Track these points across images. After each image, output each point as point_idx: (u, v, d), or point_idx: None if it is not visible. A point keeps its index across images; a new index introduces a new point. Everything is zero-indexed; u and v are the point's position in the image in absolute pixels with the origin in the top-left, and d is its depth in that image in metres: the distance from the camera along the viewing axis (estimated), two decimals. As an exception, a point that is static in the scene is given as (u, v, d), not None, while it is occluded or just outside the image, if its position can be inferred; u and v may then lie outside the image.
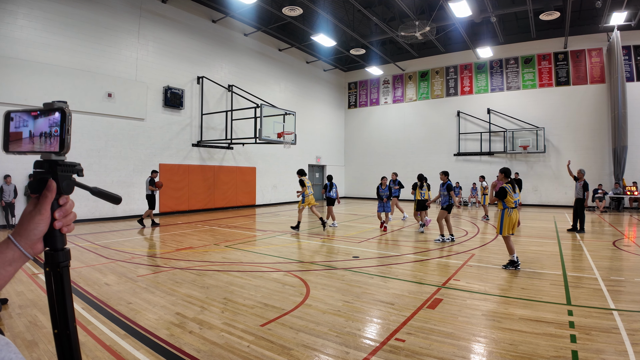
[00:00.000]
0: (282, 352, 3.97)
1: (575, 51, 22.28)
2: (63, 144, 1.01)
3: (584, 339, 4.22)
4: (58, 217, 1.03)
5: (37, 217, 1.00)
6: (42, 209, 1.00)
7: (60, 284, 1.08)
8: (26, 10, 13.22)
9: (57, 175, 1.03)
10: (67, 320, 1.08)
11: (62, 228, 1.05)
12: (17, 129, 1.03)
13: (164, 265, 7.87)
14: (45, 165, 1.03)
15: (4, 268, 0.94)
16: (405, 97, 28.78)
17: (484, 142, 25.04)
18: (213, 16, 20.15)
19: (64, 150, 1.01)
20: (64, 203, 1.05)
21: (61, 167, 1.03)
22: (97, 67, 15.15)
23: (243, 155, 22.04)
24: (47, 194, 1.01)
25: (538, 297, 5.79)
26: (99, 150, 15.12)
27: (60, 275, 1.07)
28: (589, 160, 21.56)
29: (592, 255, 8.94)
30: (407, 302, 5.55)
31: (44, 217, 1.00)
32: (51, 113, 1.01)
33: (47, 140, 1.01)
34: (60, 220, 1.04)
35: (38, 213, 1.00)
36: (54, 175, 1.02)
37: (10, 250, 0.96)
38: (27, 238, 0.99)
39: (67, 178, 1.05)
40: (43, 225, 1.00)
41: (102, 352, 3.94)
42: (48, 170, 1.02)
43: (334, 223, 14.12)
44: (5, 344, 0.88)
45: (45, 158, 1.03)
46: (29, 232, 0.99)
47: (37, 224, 1.00)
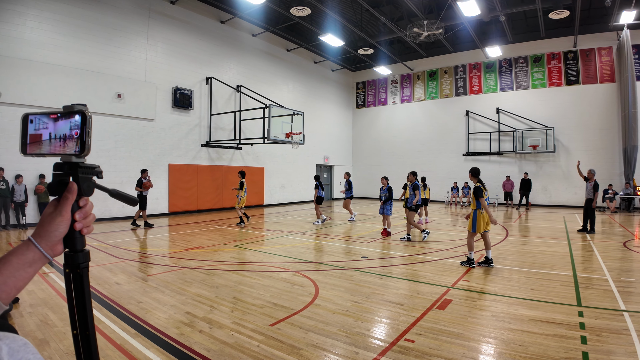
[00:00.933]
0: (291, 351, 3.98)
1: (584, 50, 22.09)
2: (84, 146, 1.02)
3: (594, 341, 4.19)
4: (78, 219, 1.04)
5: (57, 218, 1.00)
6: (62, 210, 1.01)
7: (80, 285, 1.08)
8: (36, 12, 13.35)
9: (78, 177, 1.04)
10: (87, 321, 1.09)
11: (82, 229, 1.06)
12: (36, 131, 1.04)
13: (173, 265, 7.92)
14: (65, 167, 1.04)
15: (24, 269, 0.95)
16: (413, 97, 28.69)
17: (493, 142, 24.90)
18: (221, 17, 20.22)
19: (85, 152, 1.03)
20: (84, 205, 1.06)
21: (82, 169, 1.04)
22: (107, 68, 15.28)
23: (251, 155, 22.11)
24: (68, 196, 1.02)
25: (548, 298, 5.76)
26: (108, 150, 15.24)
27: (80, 276, 1.08)
28: (599, 160, 21.36)
29: (603, 256, 8.87)
30: (416, 303, 5.54)
31: (64, 218, 1.01)
32: (71, 115, 1.02)
33: (68, 142, 1.02)
34: (80, 221, 1.05)
35: (59, 214, 1.01)
36: (75, 177, 1.03)
37: (31, 251, 0.97)
38: (47, 239, 0.99)
39: (87, 180, 1.06)
40: (63, 227, 1.01)
41: (112, 351, 3.97)
42: (69, 172, 1.03)
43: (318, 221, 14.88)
44: (24, 344, 0.89)
45: (65, 160, 1.04)
46: (50, 234, 0.99)
47: (58, 226, 1.00)
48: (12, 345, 0.86)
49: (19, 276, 0.94)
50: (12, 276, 0.94)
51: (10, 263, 0.94)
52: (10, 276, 0.93)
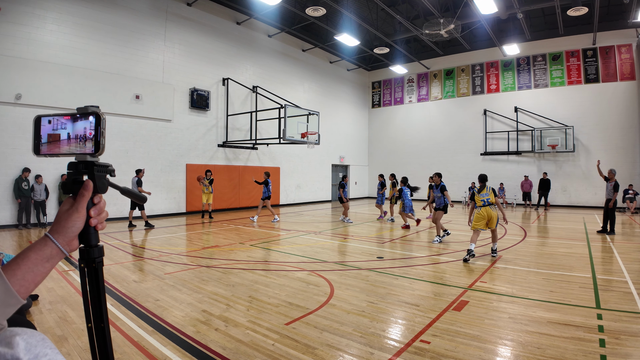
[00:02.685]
0: (306, 351, 4.00)
1: (604, 47, 21.67)
2: (98, 145, 1.08)
3: (613, 344, 4.12)
4: (93, 215, 1.08)
5: (74, 215, 1.05)
6: (79, 207, 1.05)
7: (95, 279, 1.13)
8: (55, 15, 13.61)
9: (93, 175, 1.08)
10: (102, 314, 1.13)
11: (97, 225, 1.10)
12: (55, 131, 1.09)
13: (190, 263, 8.01)
14: (80, 166, 1.08)
15: (42, 265, 0.99)
16: (430, 96, 28.49)
17: (512, 141, 24.59)
18: (237, 18, 20.36)
19: (100, 152, 1.08)
20: (98, 202, 1.11)
21: (97, 167, 1.09)
22: (125, 70, 15.51)
23: (267, 155, 22.22)
24: (84, 193, 1.06)
25: (567, 300, 5.67)
26: (127, 150, 15.46)
27: (95, 270, 1.12)
28: (619, 160, 20.92)
29: (623, 258, 8.70)
30: (432, 304, 5.51)
31: (80, 215, 1.05)
32: (86, 117, 1.08)
33: (83, 142, 1.07)
34: (95, 217, 1.09)
35: (75, 211, 1.05)
36: (90, 175, 1.08)
37: (48, 247, 1.01)
38: (64, 235, 1.03)
39: (102, 178, 1.11)
40: (80, 223, 1.05)
41: (130, 348, 4.04)
42: (84, 171, 1.08)
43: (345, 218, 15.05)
44: (42, 339, 0.92)
45: (80, 159, 1.09)
46: (67, 230, 1.04)
47: (75, 222, 1.04)
48: (30, 340, 0.89)
49: (37, 271, 0.98)
50: (31, 271, 0.97)
51: (29, 258, 0.98)
52: (28, 271, 0.97)
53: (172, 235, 11.95)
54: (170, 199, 17.16)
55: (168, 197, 17.05)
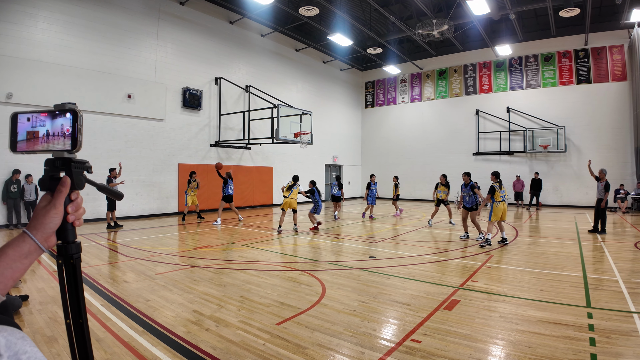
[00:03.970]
0: (297, 350, 3.99)
1: (596, 48, 21.83)
2: (75, 142, 1.07)
3: (603, 342, 4.15)
4: (71, 211, 1.08)
5: (52, 211, 1.04)
6: (56, 203, 1.05)
7: (73, 275, 1.13)
8: (47, 14, 13.50)
9: (71, 171, 1.08)
10: (80, 310, 1.13)
11: (74, 222, 1.10)
12: (34, 128, 1.08)
13: (182, 264, 7.97)
14: (58, 163, 1.08)
15: (20, 261, 0.99)
16: (423, 96, 28.57)
17: (504, 141, 24.72)
18: (230, 17, 20.30)
19: (77, 148, 1.07)
20: (76, 198, 1.11)
21: (75, 164, 1.09)
22: (117, 69, 15.41)
23: (260, 155, 22.17)
24: (61, 189, 1.06)
25: (557, 299, 5.70)
26: (119, 150, 15.36)
27: (73, 266, 1.12)
28: (610, 160, 21.09)
29: (613, 257, 8.77)
30: (423, 303, 5.52)
31: (58, 211, 1.05)
32: (63, 113, 1.07)
33: (60, 139, 1.07)
34: (72, 214, 1.09)
35: (53, 207, 1.05)
36: (68, 172, 1.08)
37: (26, 243, 1.00)
38: (42, 231, 1.03)
39: (79, 174, 1.10)
40: (57, 219, 1.05)
41: (120, 348, 4.01)
42: (61, 167, 1.08)
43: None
44: (22, 337, 0.91)
45: (57, 156, 1.08)
46: (45, 226, 1.03)
47: (52, 218, 1.04)
48: (10, 337, 0.88)
49: (15, 267, 0.98)
50: (9, 267, 0.97)
51: (7, 255, 0.98)
52: (7, 267, 0.97)
53: (164, 236, 11.89)
54: (162, 198, 17.07)
55: (160, 196, 16.96)
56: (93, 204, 14.39)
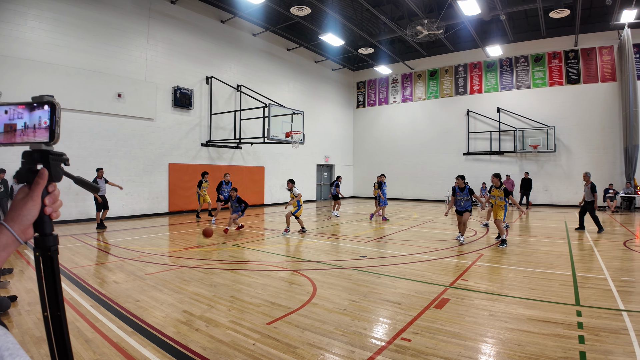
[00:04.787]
0: (287, 350, 3.97)
1: (585, 49, 22.04)
2: (53, 134, 1.07)
3: (592, 340, 4.18)
4: (48, 204, 1.08)
5: (29, 203, 1.05)
6: (34, 195, 1.05)
7: (50, 267, 1.12)
8: (36, 12, 13.35)
9: (49, 163, 1.08)
10: (57, 302, 1.13)
11: (52, 214, 1.10)
12: (11, 121, 1.08)
13: (172, 264, 7.92)
14: (35, 155, 1.08)
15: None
16: (414, 96, 28.67)
17: (494, 141, 24.87)
18: (222, 16, 20.22)
19: (54, 140, 1.07)
20: (53, 190, 1.10)
21: (52, 156, 1.09)
22: (107, 68, 15.28)
23: (252, 154, 22.11)
24: (39, 181, 1.06)
25: (547, 297, 5.74)
26: (109, 150, 15.24)
27: (50, 258, 1.12)
28: (599, 160, 21.34)
29: (603, 256, 8.85)
30: (414, 302, 5.53)
31: (35, 203, 1.05)
32: (41, 106, 1.07)
33: (38, 131, 1.07)
34: (50, 206, 1.09)
35: (30, 199, 1.05)
36: (45, 164, 1.07)
37: (3, 235, 1.00)
38: (20, 223, 1.03)
39: (56, 167, 1.10)
40: (35, 211, 1.05)
41: (109, 349, 3.97)
42: (39, 160, 1.07)
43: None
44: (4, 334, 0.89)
45: (34, 148, 1.08)
46: (22, 218, 1.03)
47: (30, 210, 1.04)
48: None
49: None
50: None
51: None
52: None
53: (154, 236, 11.81)
54: (153, 198, 16.95)
55: (150, 196, 16.85)
56: (83, 204, 14.28)
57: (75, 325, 4.58)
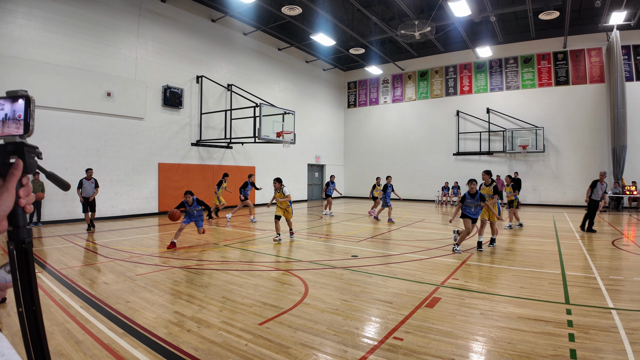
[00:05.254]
0: (280, 350, 3.97)
1: (574, 51, 22.28)
2: (28, 127, 1.08)
3: (582, 338, 4.22)
4: (22, 196, 1.07)
5: (4, 194, 1.03)
6: (9, 186, 1.03)
7: (25, 260, 1.10)
8: (25, 10, 13.20)
9: (24, 155, 1.07)
10: (32, 296, 1.10)
11: (25, 206, 1.08)
12: None
13: (162, 265, 7.86)
14: (10, 147, 1.07)
15: None
16: (404, 97, 28.77)
17: (484, 141, 25.04)
18: (212, 15, 20.13)
19: (29, 133, 1.08)
20: (27, 183, 1.09)
21: (27, 147, 1.08)
22: (97, 67, 15.13)
23: (242, 154, 22.03)
24: (14, 172, 1.05)
25: (537, 296, 5.79)
26: (98, 149, 15.09)
27: (25, 251, 1.09)
28: (588, 160, 21.60)
29: (591, 255, 8.95)
30: (405, 301, 5.55)
31: (10, 194, 1.03)
32: (15, 100, 1.08)
33: (12, 124, 1.08)
34: (24, 198, 1.07)
35: (5, 190, 1.03)
36: (21, 156, 1.07)
37: None
38: None
39: (31, 158, 1.09)
40: (9, 202, 1.03)
41: (100, 351, 3.93)
42: (14, 151, 1.07)
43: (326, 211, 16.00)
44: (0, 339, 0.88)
45: (8, 141, 1.08)
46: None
47: (4, 201, 1.02)
48: None
49: None
50: None
51: None
52: None
53: (144, 236, 11.73)
54: (142, 198, 16.82)
55: (140, 197, 16.72)
56: (72, 204, 14.13)
57: (65, 327, 4.53)
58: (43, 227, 13.01)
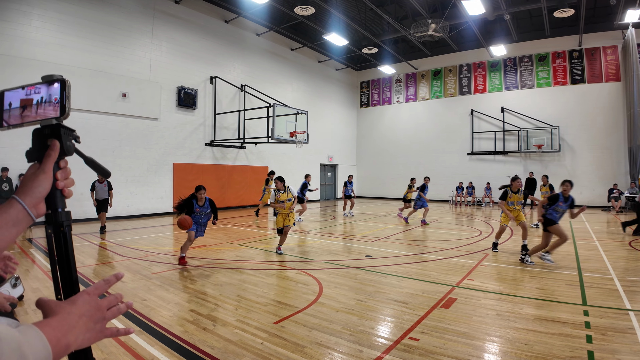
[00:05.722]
0: (295, 349, 3.98)
1: (590, 49, 21.96)
2: (64, 109, 1.06)
3: (599, 340, 4.17)
4: (60, 178, 1.05)
5: (40, 175, 1.01)
6: (45, 168, 1.02)
7: (64, 245, 1.07)
8: (40, 12, 13.40)
9: (60, 136, 1.06)
10: (72, 284, 1.06)
11: (64, 189, 1.07)
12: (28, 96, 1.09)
13: (177, 263, 7.93)
14: (47, 130, 1.06)
15: (7, 229, 0.94)
16: (418, 96, 28.62)
17: (498, 141, 24.80)
18: (225, 16, 20.24)
19: (65, 115, 1.06)
20: (64, 166, 1.08)
21: (64, 129, 1.07)
22: (112, 68, 15.32)
23: (256, 154, 22.12)
24: (51, 153, 1.03)
25: (553, 297, 5.73)
26: (113, 149, 15.27)
27: (63, 234, 1.07)
28: (604, 160, 21.27)
29: (608, 256, 8.82)
30: (420, 302, 5.52)
31: (47, 175, 1.02)
32: (51, 84, 1.07)
33: (49, 107, 1.06)
34: (62, 180, 1.06)
35: (42, 172, 1.02)
36: (57, 137, 1.05)
37: (14, 209, 0.96)
38: (31, 196, 0.99)
39: (68, 140, 1.08)
40: (46, 184, 1.02)
41: (116, 348, 3.98)
42: (51, 134, 1.06)
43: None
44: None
45: (45, 124, 1.07)
46: (33, 190, 1.00)
47: (41, 182, 1.01)
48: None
49: (1, 236, 0.94)
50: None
51: None
52: None
53: (159, 235, 11.84)
54: (157, 198, 16.99)
55: (154, 196, 16.88)
56: (89, 204, 14.29)
57: (83, 324, 4.58)
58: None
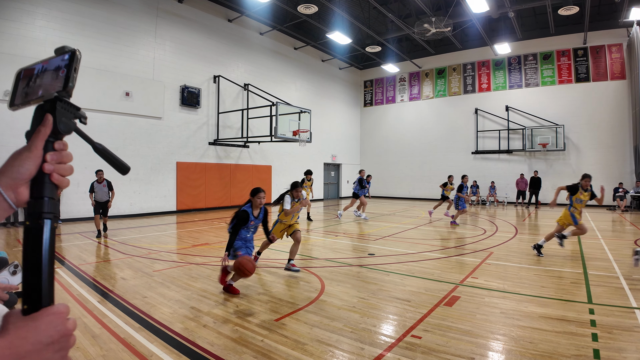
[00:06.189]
0: (296, 346, 3.93)
1: (594, 47, 21.80)
2: (68, 81, 0.86)
3: (605, 338, 4.10)
4: (49, 160, 0.82)
5: (24, 152, 0.80)
6: (32, 145, 0.81)
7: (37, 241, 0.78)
8: (44, 11, 13.43)
9: (55, 110, 0.85)
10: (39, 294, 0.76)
11: (53, 175, 0.83)
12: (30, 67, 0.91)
13: (180, 261, 7.91)
14: (46, 105, 0.85)
15: None
16: (421, 95, 28.53)
17: (503, 140, 24.68)
18: (229, 15, 20.23)
19: (68, 87, 0.86)
20: (60, 148, 0.86)
21: (61, 102, 0.87)
22: (115, 67, 15.33)
23: (259, 153, 22.11)
24: (40, 129, 0.82)
25: (558, 295, 5.66)
26: (117, 148, 15.27)
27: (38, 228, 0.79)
28: (609, 158, 21.12)
29: (614, 254, 8.74)
30: (423, 300, 5.47)
31: (32, 154, 0.81)
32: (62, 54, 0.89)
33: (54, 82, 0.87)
34: (51, 164, 0.83)
35: (27, 149, 0.81)
36: (52, 111, 0.85)
37: None
38: (9, 176, 0.79)
39: (64, 116, 0.87)
40: (30, 164, 0.80)
41: (116, 344, 3.95)
42: (49, 109, 0.85)
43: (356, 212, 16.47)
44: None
45: (47, 98, 0.86)
46: (13, 168, 0.79)
47: (23, 161, 0.80)
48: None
49: None
50: None
51: None
52: None
53: (162, 233, 11.82)
54: (160, 197, 17.00)
55: (158, 195, 16.89)
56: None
57: (82, 321, 4.57)
58: (62, 225, 13.22)
